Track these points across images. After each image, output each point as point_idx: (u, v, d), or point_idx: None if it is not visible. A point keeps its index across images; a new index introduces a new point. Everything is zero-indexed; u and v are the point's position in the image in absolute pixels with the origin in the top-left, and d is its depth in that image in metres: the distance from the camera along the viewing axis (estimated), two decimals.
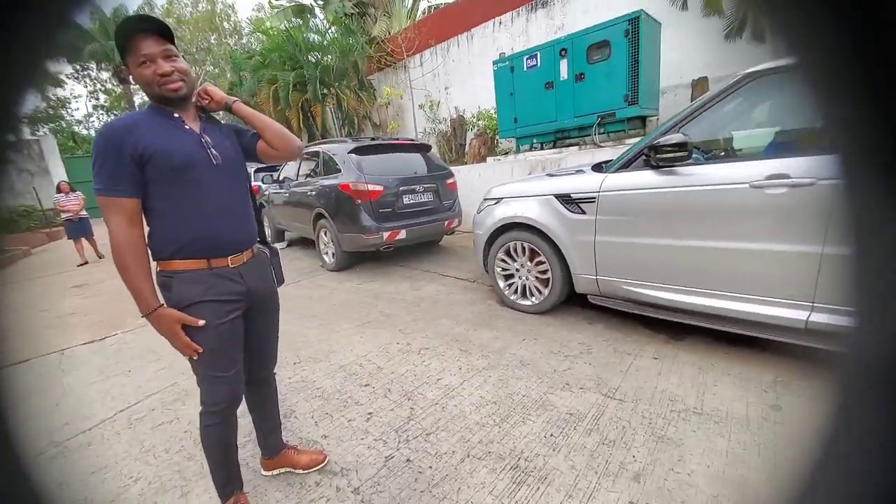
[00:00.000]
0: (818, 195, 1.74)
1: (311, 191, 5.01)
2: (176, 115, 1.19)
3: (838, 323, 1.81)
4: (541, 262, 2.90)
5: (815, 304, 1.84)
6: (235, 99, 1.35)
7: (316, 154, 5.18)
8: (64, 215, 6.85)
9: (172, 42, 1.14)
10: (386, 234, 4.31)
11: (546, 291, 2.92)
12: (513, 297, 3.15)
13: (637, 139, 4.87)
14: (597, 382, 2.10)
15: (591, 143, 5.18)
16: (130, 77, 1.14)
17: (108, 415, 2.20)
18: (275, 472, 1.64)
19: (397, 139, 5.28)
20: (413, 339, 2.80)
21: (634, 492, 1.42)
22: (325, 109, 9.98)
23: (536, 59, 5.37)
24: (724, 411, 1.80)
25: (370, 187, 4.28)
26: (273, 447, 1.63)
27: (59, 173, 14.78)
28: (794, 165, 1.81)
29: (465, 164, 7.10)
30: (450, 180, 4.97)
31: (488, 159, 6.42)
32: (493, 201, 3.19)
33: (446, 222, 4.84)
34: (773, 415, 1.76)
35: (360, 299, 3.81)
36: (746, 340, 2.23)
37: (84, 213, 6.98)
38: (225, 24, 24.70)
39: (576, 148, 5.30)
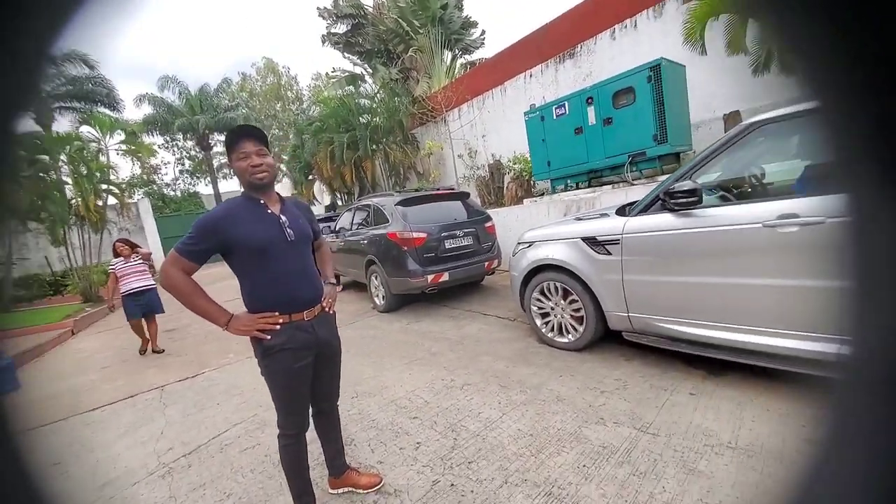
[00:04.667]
0: (830, 233, 1.84)
1: (363, 239, 5.57)
2: (261, 200, 1.58)
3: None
4: (574, 301, 3.07)
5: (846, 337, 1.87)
6: (333, 282, 1.87)
7: (367, 206, 5.80)
8: (122, 288, 4.71)
9: (266, 144, 1.58)
10: (430, 277, 4.67)
11: (581, 329, 3.06)
12: (550, 335, 3.31)
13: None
14: (631, 417, 2.20)
15: (623, 181, 5.33)
16: (231, 169, 1.58)
17: (204, 441, 2.63)
18: (340, 490, 1.92)
19: (438, 189, 5.78)
20: (457, 376, 3.03)
21: None
22: (374, 163, 10.97)
23: (565, 108, 5.75)
24: (759, 446, 1.84)
25: (415, 235, 4.72)
26: (338, 468, 1.92)
27: (152, 230, 17.17)
28: (803, 205, 1.93)
29: (504, 206, 7.45)
30: (488, 224, 5.32)
31: (525, 201, 6.73)
32: (526, 244, 3.45)
33: (486, 263, 5.13)
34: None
35: (409, 339, 4.12)
36: (788, 376, 2.22)
37: (150, 281, 4.89)
38: (288, 93, 28.08)
39: (609, 187, 5.47)
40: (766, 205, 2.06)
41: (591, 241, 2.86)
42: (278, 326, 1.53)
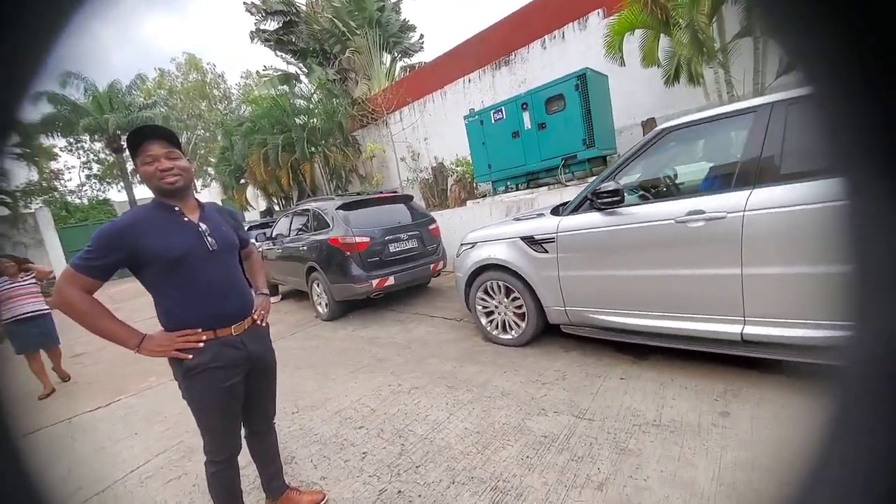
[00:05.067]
0: (730, 226, 2.08)
1: (304, 246, 5.32)
2: (176, 207, 1.43)
3: (770, 334, 2.09)
4: (516, 298, 3.18)
5: (747, 319, 2.13)
6: (266, 293, 1.77)
7: (307, 211, 5.55)
8: (6, 313, 3.90)
9: (177, 145, 1.42)
10: (375, 282, 4.58)
11: (523, 325, 3.18)
12: (494, 333, 3.39)
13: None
14: (569, 405, 2.32)
15: (558, 182, 5.64)
16: (138, 175, 1.43)
17: (120, 476, 2.34)
18: None
19: (381, 192, 5.69)
20: (404, 381, 3.00)
21: (598, 499, 1.62)
22: (313, 166, 10.55)
23: (502, 112, 5.95)
24: (679, 421, 2.02)
25: (358, 239, 4.60)
26: (276, 490, 1.80)
27: (54, 243, 15.03)
28: (708, 202, 2.16)
29: (448, 208, 7.54)
30: (432, 226, 5.34)
31: (468, 202, 6.86)
32: (469, 245, 3.51)
33: (432, 265, 5.15)
34: (721, 420, 1.98)
35: (354, 346, 4.00)
36: (703, 355, 2.47)
37: (43, 305, 4.17)
38: (215, 91, 26.10)
39: (546, 188, 5.75)
40: (677, 203, 2.28)
41: (530, 241, 2.97)
42: (201, 344, 1.40)
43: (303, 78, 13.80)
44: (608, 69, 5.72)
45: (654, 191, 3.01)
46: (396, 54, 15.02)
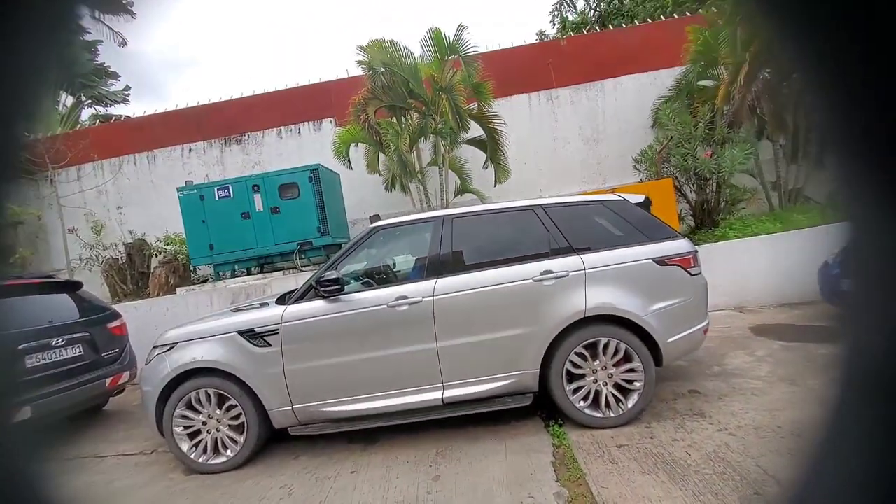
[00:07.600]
0: (425, 308, 2.53)
1: None
2: None
3: (461, 393, 2.55)
4: (232, 407, 2.65)
5: (445, 384, 2.55)
6: None
7: None
8: None
9: None
10: None
11: (242, 439, 2.64)
12: (202, 459, 2.65)
13: None
14: None
15: (293, 267, 5.50)
16: None
17: None
18: None
19: (20, 277, 3.84)
20: None
21: None
22: None
23: (228, 190, 5.47)
24: (401, 502, 2.08)
25: None
26: None
27: None
28: (410, 289, 2.58)
29: (148, 297, 5.88)
30: (113, 324, 3.95)
31: (178, 290, 5.60)
32: (166, 348, 2.75)
33: (109, 380, 3.70)
34: (434, 486, 2.17)
35: None
36: (422, 425, 2.72)
37: None
38: None
39: (281, 273, 5.48)
40: (388, 289, 2.62)
41: (250, 334, 2.63)
42: None
43: None
44: (342, 169, 6.40)
45: (377, 278, 3.38)
46: (84, 99, 11.76)
